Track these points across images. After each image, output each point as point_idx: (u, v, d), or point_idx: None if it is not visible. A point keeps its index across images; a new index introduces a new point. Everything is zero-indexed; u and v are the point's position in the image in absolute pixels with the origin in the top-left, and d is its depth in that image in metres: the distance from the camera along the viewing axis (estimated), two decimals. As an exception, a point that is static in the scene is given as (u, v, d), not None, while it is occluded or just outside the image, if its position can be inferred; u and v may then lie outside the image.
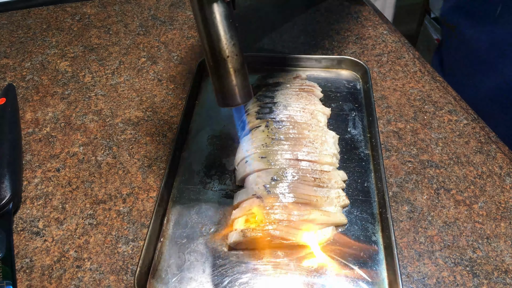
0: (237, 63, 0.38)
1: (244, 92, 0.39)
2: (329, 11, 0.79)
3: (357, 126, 0.56)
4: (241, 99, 0.39)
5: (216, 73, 0.38)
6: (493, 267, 0.43)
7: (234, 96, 0.39)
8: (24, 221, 0.48)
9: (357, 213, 0.47)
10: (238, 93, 0.39)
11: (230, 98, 0.39)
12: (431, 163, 0.52)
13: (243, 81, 0.39)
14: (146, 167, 0.53)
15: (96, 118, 0.59)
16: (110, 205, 0.49)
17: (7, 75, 0.66)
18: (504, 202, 0.48)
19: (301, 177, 0.46)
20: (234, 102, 0.39)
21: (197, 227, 0.46)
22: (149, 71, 0.67)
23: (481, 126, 0.57)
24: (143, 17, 0.78)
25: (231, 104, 0.39)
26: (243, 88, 0.39)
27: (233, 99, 0.39)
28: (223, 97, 0.39)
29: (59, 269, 0.43)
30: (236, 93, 0.39)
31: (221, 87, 0.39)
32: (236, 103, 0.39)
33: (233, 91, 0.39)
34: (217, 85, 0.39)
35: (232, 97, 0.39)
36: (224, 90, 0.39)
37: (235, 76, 0.38)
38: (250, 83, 0.40)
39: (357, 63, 0.63)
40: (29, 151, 0.55)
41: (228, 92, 0.39)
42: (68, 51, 0.71)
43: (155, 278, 0.42)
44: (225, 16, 0.37)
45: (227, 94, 0.39)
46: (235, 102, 0.39)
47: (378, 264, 0.42)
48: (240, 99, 0.39)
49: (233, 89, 0.38)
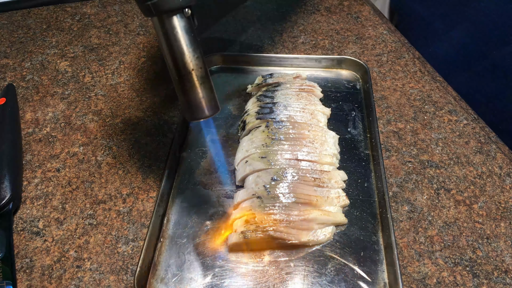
0: (202, 76, 0.38)
1: (211, 104, 0.39)
2: (329, 11, 0.79)
3: (357, 126, 0.56)
4: (209, 112, 0.39)
5: (182, 88, 0.38)
6: (493, 267, 0.43)
7: (202, 109, 0.39)
8: (24, 221, 0.48)
9: (357, 213, 0.47)
10: (205, 105, 0.39)
11: (197, 112, 0.39)
12: (431, 163, 0.52)
13: (210, 93, 0.39)
14: (146, 167, 0.53)
15: (96, 118, 0.59)
16: (110, 205, 0.49)
17: (7, 75, 0.66)
18: (504, 202, 0.48)
19: (301, 177, 0.46)
20: (202, 115, 0.39)
21: (197, 227, 0.46)
22: (149, 71, 0.67)
23: (481, 126, 0.57)
24: (143, 17, 0.78)
25: (199, 117, 0.39)
26: (209, 100, 0.39)
27: (201, 112, 0.39)
28: (190, 111, 0.39)
29: (59, 269, 0.43)
30: (204, 106, 0.39)
31: (188, 101, 0.38)
32: (204, 115, 0.39)
33: (200, 104, 0.38)
34: (183, 99, 0.39)
35: (199, 110, 0.39)
36: (191, 104, 0.39)
37: (201, 89, 0.38)
38: (216, 96, 0.40)
39: (357, 63, 0.63)
40: (29, 151, 0.55)
41: (195, 106, 0.39)
42: (68, 51, 0.71)
43: (155, 278, 0.42)
44: (187, 30, 0.37)
45: (194, 108, 0.39)
46: (203, 115, 0.39)
47: (378, 264, 0.42)
48: (208, 111, 0.39)
49: (200, 102, 0.38)
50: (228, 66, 0.66)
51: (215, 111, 0.39)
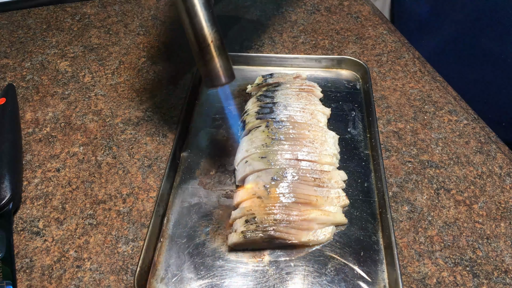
0: (219, 48, 0.43)
1: (228, 73, 0.44)
2: (329, 11, 0.79)
3: (357, 126, 0.56)
4: (226, 79, 0.43)
5: (202, 58, 0.43)
6: (493, 267, 0.43)
7: (219, 77, 0.43)
8: (24, 221, 0.48)
9: (357, 213, 0.47)
10: (222, 74, 0.43)
11: (216, 79, 0.43)
12: (431, 163, 0.52)
13: (226, 63, 0.43)
14: (146, 167, 0.53)
15: (96, 118, 0.59)
16: (110, 205, 0.49)
17: (7, 75, 0.66)
18: (504, 202, 0.48)
19: (301, 177, 0.46)
20: (220, 82, 0.43)
21: (197, 227, 0.46)
22: (149, 71, 0.67)
23: (481, 126, 0.57)
24: (143, 17, 0.78)
25: (217, 84, 0.43)
26: (226, 69, 0.43)
27: (219, 80, 0.43)
28: (210, 79, 0.43)
29: (59, 269, 0.43)
30: (221, 74, 0.43)
31: (207, 71, 0.43)
32: (221, 82, 0.43)
33: (218, 73, 0.43)
34: (203, 69, 0.43)
35: (217, 78, 0.43)
36: (210, 73, 0.43)
37: (218, 59, 0.43)
38: (232, 66, 0.44)
39: (357, 63, 0.63)
40: (29, 151, 0.55)
41: (214, 74, 0.43)
42: (68, 51, 0.71)
43: (155, 278, 0.42)
44: (206, 7, 0.41)
45: (213, 76, 0.43)
46: (220, 82, 0.43)
47: (378, 264, 0.42)
48: (225, 79, 0.43)
49: (218, 71, 0.43)
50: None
51: (231, 79, 0.44)
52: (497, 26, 0.66)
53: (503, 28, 0.65)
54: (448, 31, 0.75)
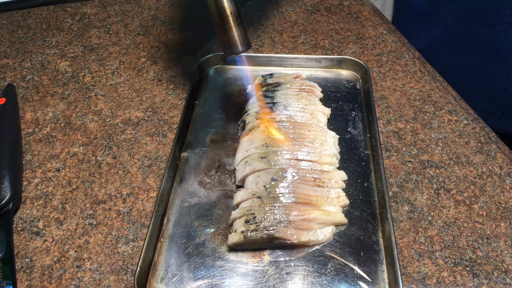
0: (237, 19, 0.48)
1: (245, 42, 0.49)
2: (329, 11, 0.79)
3: (357, 126, 0.56)
4: (242, 48, 0.49)
5: (222, 28, 0.48)
6: (493, 267, 0.43)
7: (236, 45, 0.49)
8: (24, 221, 0.48)
9: (357, 213, 0.47)
10: (239, 42, 0.48)
11: (234, 47, 0.49)
12: (431, 163, 0.52)
13: (243, 33, 0.49)
14: (146, 167, 0.53)
15: (96, 118, 0.59)
16: (110, 205, 0.49)
17: (7, 75, 0.66)
18: (504, 202, 0.48)
19: (301, 177, 0.46)
20: (237, 50, 0.49)
21: (197, 227, 0.46)
22: (149, 71, 0.67)
23: (481, 126, 0.57)
24: (143, 17, 0.78)
25: (235, 51, 0.49)
26: (243, 38, 0.49)
27: (236, 48, 0.49)
28: (229, 47, 0.49)
29: (59, 269, 0.43)
30: (238, 43, 0.48)
31: (226, 39, 0.48)
32: (239, 50, 0.49)
33: (236, 42, 0.48)
34: (223, 38, 0.49)
35: (235, 46, 0.49)
36: (230, 41, 0.48)
37: (236, 29, 0.48)
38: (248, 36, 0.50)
39: (357, 63, 0.63)
40: (29, 151, 0.55)
41: (232, 43, 0.48)
42: (68, 51, 0.71)
43: (155, 278, 0.42)
44: None
45: (233, 44, 0.48)
46: (238, 50, 0.49)
47: (378, 264, 0.42)
48: (241, 47, 0.49)
49: (236, 39, 0.48)
50: (228, 66, 0.66)
51: (248, 48, 0.49)
52: (490, 16, 0.67)
53: (497, 17, 0.66)
54: (445, 21, 0.77)
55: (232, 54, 0.49)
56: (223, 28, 0.48)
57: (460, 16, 0.72)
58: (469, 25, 0.71)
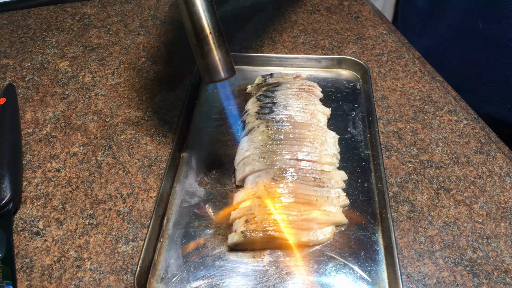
0: (218, 39, 0.40)
1: (227, 67, 0.41)
2: (329, 11, 0.79)
3: (357, 126, 0.56)
4: (225, 74, 0.41)
5: (200, 50, 0.41)
6: (493, 267, 0.43)
7: (218, 71, 0.41)
8: (24, 221, 0.48)
9: (357, 213, 0.47)
10: (221, 68, 0.41)
11: (214, 74, 0.41)
12: (431, 163, 0.52)
13: (226, 56, 0.41)
14: (146, 167, 0.53)
15: (96, 118, 0.59)
16: (110, 205, 0.49)
17: (7, 75, 0.66)
18: (504, 202, 0.48)
19: (301, 177, 0.46)
20: (219, 77, 0.41)
21: (197, 227, 0.46)
22: (149, 71, 0.67)
23: (481, 126, 0.57)
24: (143, 17, 0.78)
25: (216, 79, 0.41)
26: (226, 63, 0.41)
27: (218, 74, 0.41)
28: (208, 74, 0.41)
29: (59, 269, 0.43)
30: (220, 68, 0.41)
31: (206, 64, 0.41)
32: (220, 77, 0.41)
33: (217, 67, 0.41)
34: (202, 62, 0.41)
35: (216, 72, 0.41)
36: (209, 67, 0.41)
37: (217, 52, 0.40)
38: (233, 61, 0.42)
39: (357, 63, 0.63)
40: (29, 151, 0.55)
41: (212, 68, 0.41)
42: (68, 51, 0.71)
43: (155, 278, 0.42)
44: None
45: (212, 70, 0.41)
46: (219, 77, 0.41)
47: (378, 264, 0.42)
48: (224, 74, 0.41)
49: (217, 64, 0.41)
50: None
51: (232, 74, 0.42)
52: (496, 11, 0.68)
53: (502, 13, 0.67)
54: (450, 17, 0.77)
55: (213, 81, 0.41)
56: (201, 50, 0.40)
57: (465, 12, 0.73)
58: (475, 20, 0.72)
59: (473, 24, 0.72)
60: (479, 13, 0.71)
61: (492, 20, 0.69)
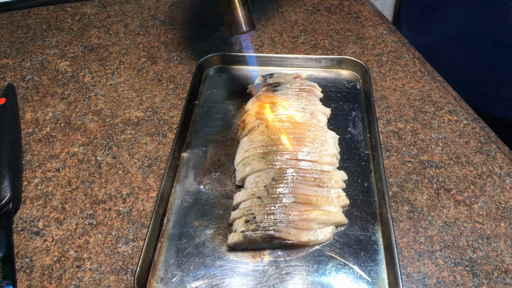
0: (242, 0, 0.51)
1: (249, 22, 0.52)
2: (329, 11, 0.79)
3: (357, 126, 0.56)
4: (246, 27, 0.52)
5: (228, 7, 0.51)
6: (493, 267, 0.43)
7: (241, 25, 0.51)
8: (24, 221, 0.48)
9: (357, 213, 0.47)
10: (244, 22, 0.51)
11: (238, 26, 0.51)
12: (431, 163, 0.52)
13: (248, 13, 0.51)
14: (146, 167, 0.53)
15: (96, 118, 0.59)
16: (110, 205, 0.49)
17: (7, 75, 0.66)
18: (504, 202, 0.48)
19: (301, 177, 0.46)
20: (241, 30, 0.51)
21: (197, 227, 0.46)
22: (149, 71, 0.67)
23: (481, 126, 0.57)
24: (143, 17, 0.78)
25: (239, 31, 0.51)
26: (248, 19, 0.51)
27: (240, 27, 0.51)
28: (234, 26, 0.51)
29: (59, 269, 0.43)
30: (243, 23, 0.51)
31: (232, 18, 0.51)
32: (242, 30, 0.51)
33: (240, 21, 0.51)
34: (229, 17, 0.51)
35: (239, 25, 0.51)
36: (234, 21, 0.51)
37: (241, 9, 0.51)
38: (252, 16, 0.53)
39: (357, 63, 0.63)
40: (29, 151, 0.55)
41: (237, 22, 0.51)
42: (68, 51, 0.71)
43: (155, 278, 0.42)
44: None
45: (236, 23, 0.51)
46: (242, 30, 0.51)
47: (378, 264, 0.42)
48: (245, 27, 0.51)
49: (240, 19, 0.51)
50: (228, 66, 0.66)
51: (252, 28, 0.52)
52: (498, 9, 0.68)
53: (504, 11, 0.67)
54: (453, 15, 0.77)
55: (237, 33, 0.51)
56: (229, 7, 0.50)
57: (468, 10, 0.73)
58: (478, 18, 0.72)
59: (474, 22, 0.73)
60: (481, 11, 0.71)
61: (496, 18, 0.69)
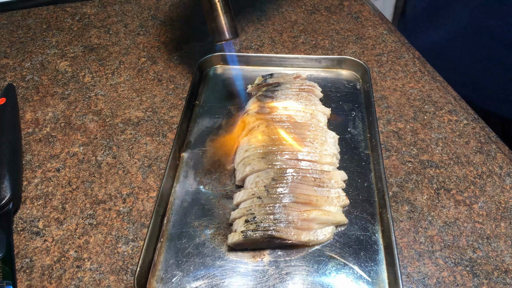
0: (225, 6, 0.52)
1: (231, 30, 0.52)
2: (329, 11, 0.79)
3: (357, 126, 0.56)
4: (229, 35, 0.52)
5: (211, 15, 0.52)
6: (493, 267, 0.43)
7: (224, 33, 0.52)
8: (24, 221, 0.48)
9: (357, 213, 0.47)
10: (226, 30, 0.52)
11: (221, 34, 0.52)
12: (431, 163, 0.52)
13: (230, 21, 0.52)
14: (146, 167, 0.53)
15: (96, 118, 0.59)
16: (110, 205, 0.49)
17: (7, 75, 0.66)
18: (504, 202, 0.48)
19: (301, 177, 0.46)
20: (224, 37, 0.52)
21: (197, 227, 0.46)
22: (149, 71, 0.67)
23: (481, 126, 0.57)
24: (143, 17, 0.78)
25: (222, 39, 0.52)
26: (230, 27, 0.52)
27: (223, 35, 0.52)
28: (217, 34, 0.52)
29: (59, 269, 0.43)
30: (225, 30, 0.52)
31: (215, 26, 0.52)
32: (225, 38, 0.52)
33: (223, 29, 0.52)
34: (212, 25, 0.52)
35: (222, 33, 0.52)
36: (217, 29, 0.52)
37: (223, 17, 0.52)
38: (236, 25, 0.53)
39: (357, 63, 0.63)
40: (29, 151, 0.55)
41: (220, 30, 0.52)
42: (68, 51, 0.71)
43: (155, 278, 0.42)
44: None
45: (219, 31, 0.52)
46: (225, 37, 0.52)
47: (378, 264, 0.42)
48: (228, 35, 0.52)
49: (223, 27, 0.52)
50: (228, 66, 0.66)
51: (235, 36, 0.53)
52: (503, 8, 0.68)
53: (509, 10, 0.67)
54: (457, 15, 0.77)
55: (220, 41, 0.52)
56: (211, 15, 0.51)
57: (472, 9, 0.73)
58: (482, 17, 0.72)
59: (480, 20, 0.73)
60: (485, 10, 0.71)
61: (500, 16, 0.69)
